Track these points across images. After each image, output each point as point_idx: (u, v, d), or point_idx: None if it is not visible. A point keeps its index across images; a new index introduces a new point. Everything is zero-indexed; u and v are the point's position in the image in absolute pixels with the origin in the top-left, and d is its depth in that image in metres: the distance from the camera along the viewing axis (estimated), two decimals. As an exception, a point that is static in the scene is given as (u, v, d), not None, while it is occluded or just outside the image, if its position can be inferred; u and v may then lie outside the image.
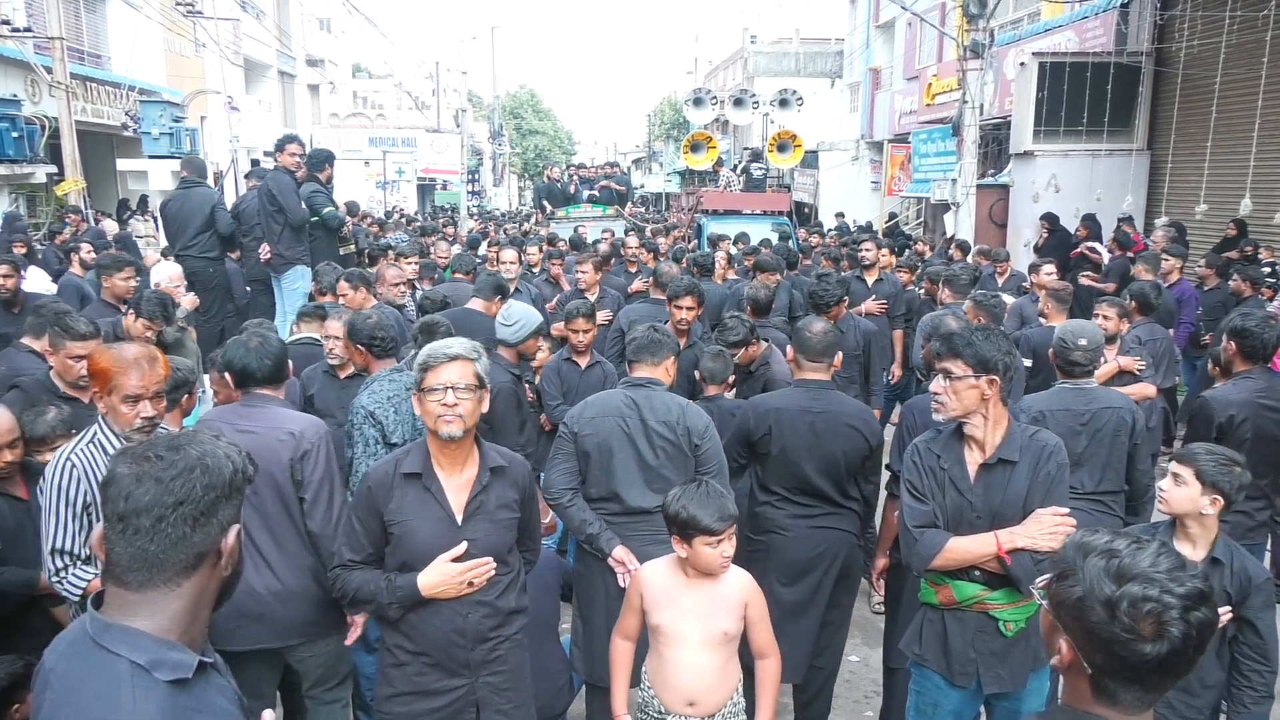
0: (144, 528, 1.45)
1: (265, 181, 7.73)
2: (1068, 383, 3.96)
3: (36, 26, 13.90)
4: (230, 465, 1.53)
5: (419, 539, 2.68)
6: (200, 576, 1.50)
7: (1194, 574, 1.42)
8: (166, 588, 1.47)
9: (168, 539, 1.45)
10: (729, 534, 2.66)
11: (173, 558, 1.46)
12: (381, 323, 4.01)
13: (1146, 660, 1.39)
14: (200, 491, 1.48)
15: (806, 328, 3.83)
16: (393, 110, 43.36)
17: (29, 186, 15.28)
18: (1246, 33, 9.87)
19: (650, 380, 3.55)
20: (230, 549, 1.53)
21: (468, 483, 2.74)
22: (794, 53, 30.21)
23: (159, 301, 5.08)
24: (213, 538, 1.50)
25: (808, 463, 3.65)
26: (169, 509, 1.45)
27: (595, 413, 3.49)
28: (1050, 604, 1.50)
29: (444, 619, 2.70)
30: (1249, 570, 2.93)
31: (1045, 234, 12.15)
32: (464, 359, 2.70)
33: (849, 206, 23.36)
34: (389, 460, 2.81)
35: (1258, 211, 10.05)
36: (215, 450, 1.53)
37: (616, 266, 9.24)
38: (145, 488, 1.45)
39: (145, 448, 1.52)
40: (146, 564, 1.45)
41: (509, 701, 2.81)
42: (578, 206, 15.90)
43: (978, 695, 2.93)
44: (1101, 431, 3.83)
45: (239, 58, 22.57)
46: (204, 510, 1.48)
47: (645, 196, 38.52)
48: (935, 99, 18.15)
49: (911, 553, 2.83)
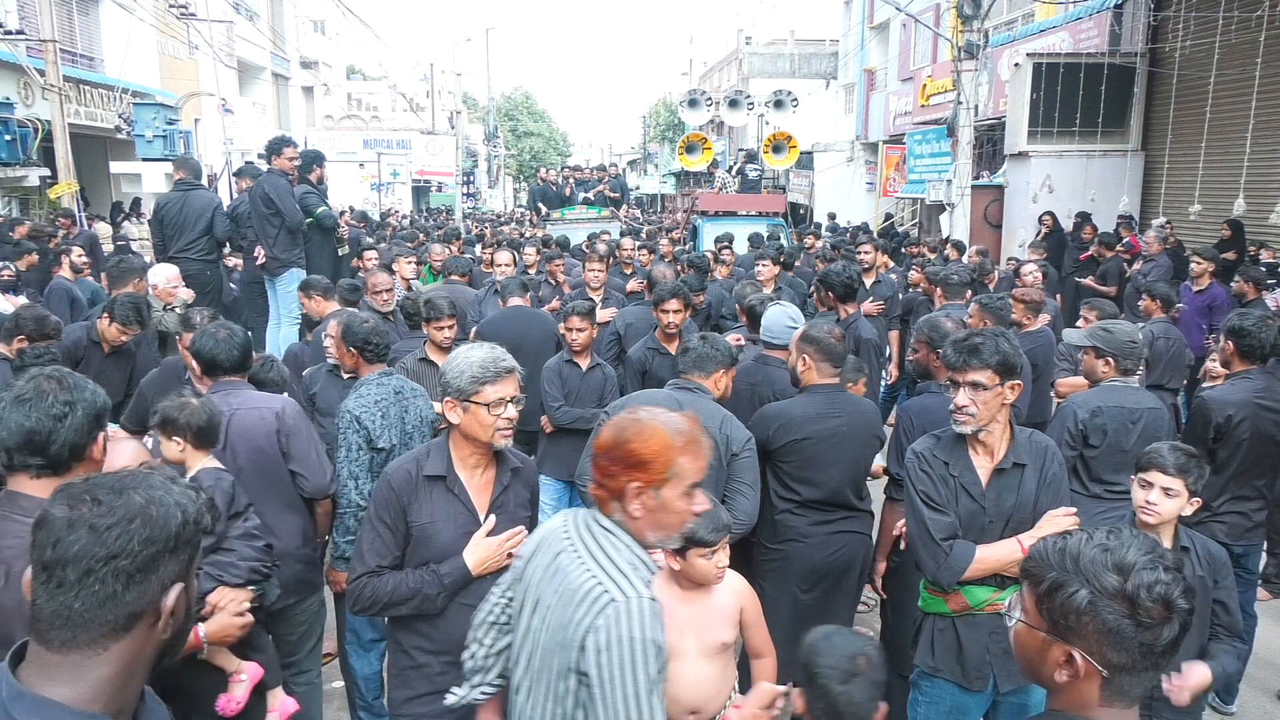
0: (69, 581, 1.26)
1: (260, 184, 7.70)
2: (1117, 379, 3.95)
3: (29, 29, 13.84)
4: (179, 516, 1.34)
5: (443, 540, 2.68)
6: (133, 640, 1.31)
7: (1166, 550, 1.48)
8: (91, 650, 1.28)
9: (95, 596, 1.26)
10: (723, 544, 2.64)
11: (100, 617, 1.27)
12: (377, 328, 4.00)
13: (1163, 643, 1.40)
14: (137, 546, 1.28)
15: (825, 334, 3.75)
16: (387, 112, 43.35)
17: (22, 189, 15.23)
18: (1240, 33, 9.90)
19: (699, 387, 3.53)
20: (170, 610, 1.33)
21: (487, 483, 2.74)
22: (789, 54, 30.26)
23: (133, 305, 5.05)
24: (149, 597, 1.30)
25: (833, 468, 3.63)
26: (99, 562, 1.26)
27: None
28: (1044, 616, 1.47)
29: (466, 618, 2.67)
30: (1211, 550, 2.96)
31: (1045, 231, 12.18)
32: (515, 371, 2.68)
33: (844, 208, 23.40)
34: (408, 461, 2.76)
35: (1251, 211, 10.07)
36: (164, 498, 1.34)
37: (613, 268, 9.24)
38: (76, 535, 1.26)
39: (86, 487, 1.33)
40: (69, 622, 1.26)
41: None
42: (573, 209, 15.88)
43: (990, 695, 2.92)
44: (1148, 429, 3.84)
45: (233, 60, 22.50)
46: (141, 566, 1.29)
47: (640, 198, 38.54)
48: (930, 100, 18.18)
49: (941, 566, 2.77)
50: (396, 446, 3.76)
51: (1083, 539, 1.47)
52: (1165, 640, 1.40)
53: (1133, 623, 1.39)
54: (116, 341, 5.06)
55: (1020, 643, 1.53)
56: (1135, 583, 1.39)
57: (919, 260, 9.93)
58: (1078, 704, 1.47)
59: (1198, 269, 7.87)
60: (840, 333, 3.83)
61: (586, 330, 5.06)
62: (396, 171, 33.83)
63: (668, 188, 32.99)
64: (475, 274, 8.44)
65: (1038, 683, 1.54)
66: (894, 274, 9.69)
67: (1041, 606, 1.47)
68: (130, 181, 15.86)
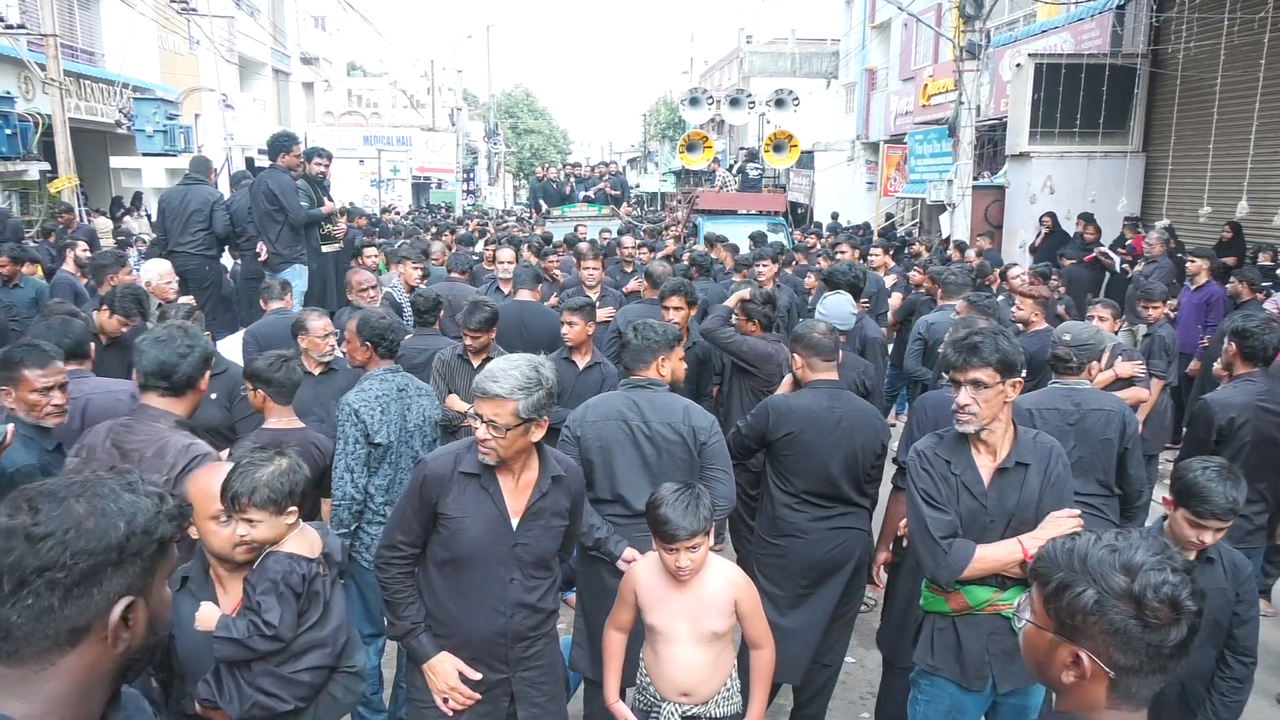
0: (3, 593, 1.22)
1: (264, 180, 7.69)
2: (1059, 382, 3.89)
3: (30, 23, 13.81)
4: (121, 527, 1.27)
5: (471, 536, 2.71)
6: (82, 655, 1.26)
7: (1175, 552, 1.47)
8: (38, 664, 1.24)
9: (30, 610, 1.22)
10: (685, 547, 2.65)
11: (39, 631, 1.23)
12: (392, 325, 4.01)
13: (1170, 645, 1.40)
14: (70, 558, 1.23)
15: (814, 330, 3.80)
16: (388, 109, 43.30)
17: (22, 184, 15.21)
18: (1244, 35, 9.89)
19: (650, 381, 3.52)
20: (116, 627, 1.27)
21: (526, 486, 2.76)
22: (790, 53, 30.22)
23: (133, 297, 5.04)
24: (90, 612, 1.25)
25: (834, 463, 3.64)
26: (32, 574, 1.22)
27: (597, 416, 3.46)
28: (1051, 616, 1.46)
29: (487, 619, 2.75)
30: (1237, 561, 2.95)
31: (1046, 232, 12.18)
32: (503, 399, 2.58)
33: (844, 207, 23.39)
34: (449, 455, 2.79)
35: (1255, 214, 10.06)
36: (108, 507, 1.28)
37: (613, 266, 9.22)
38: (13, 544, 1.23)
39: (30, 494, 1.29)
40: (10, 635, 1.23)
41: (543, 694, 2.89)
42: (573, 206, 15.87)
43: (989, 696, 2.92)
44: (1089, 433, 3.72)
45: (233, 55, 22.48)
46: (78, 580, 1.24)
47: (640, 196, 38.53)
48: (931, 100, 18.17)
49: (940, 565, 2.77)
50: (395, 443, 3.76)
51: (1091, 540, 1.47)
52: (1172, 642, 1.40)
53: (1139, 623, 1.39)
54: (116, 333, 5.05)
55: (1028, 643, 1.53)
56: (1142, 583, 1.39)
57: (920, 261, 9.93)
58: (1085, 706, 1.46)
59: (1193, 268, 7.90)
60: (826, 327, 3.85)
61: (579, 325, 4.93)
62: (396, 168, 33.84)
63: (668, 186, 32.95)
64: (476, 271, 8.43)
65: (1045, 684, 1.54)
66: (894, 274, 9.72)
67: (1049, 606, 1.47)
68: (130, 176, 15.88)
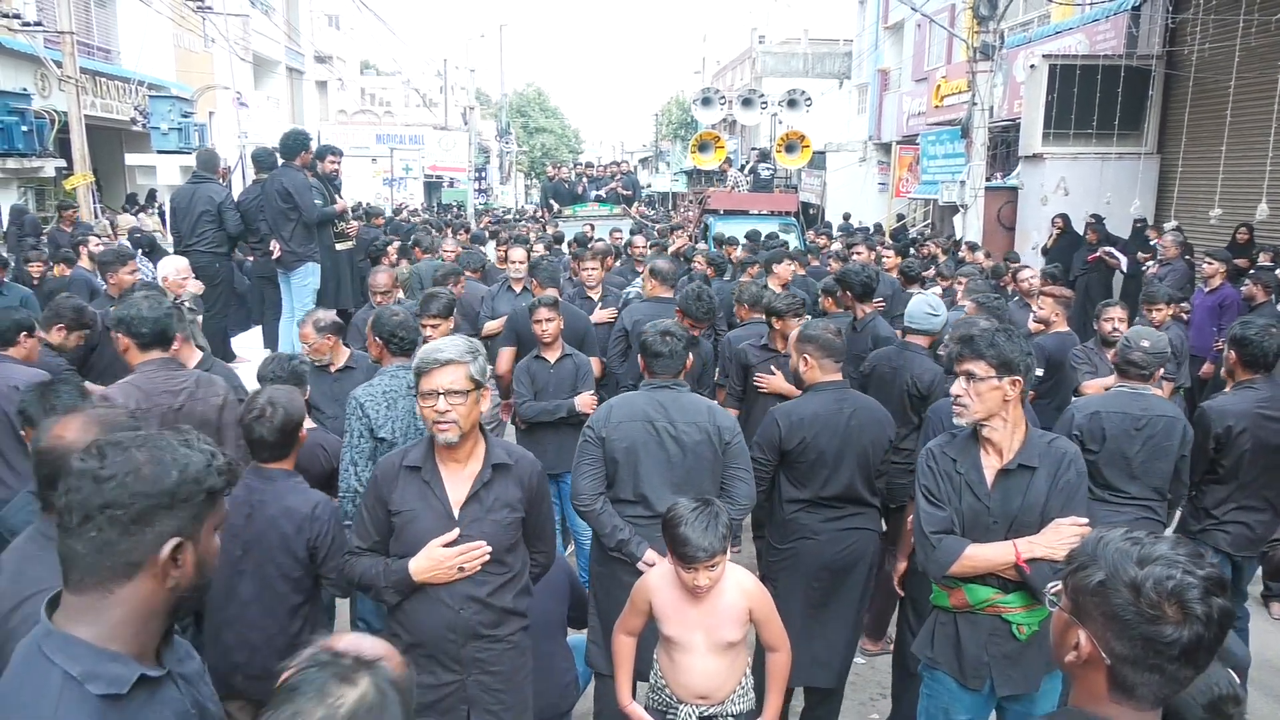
0: (72, 526, 1.41)
1: (278, 178, 7.70)
2: (1125, 385, 3.94)
3: (47, 21, 13.92)
4: (174, 474, 1.44)
5: (417, 530, 2.72)
6: (138, 586, 1.43)
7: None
8: (100, 593, 1.42)
9: (93, 543, 1.40)
10: (705, 566, 2.65)
11: (100, 563, 1.41)
12: (405, 322, 4.02)
13: (1169, 644, 1.39)
14: (128, 498, 1.40)
15: (825, 331, 3.80)
16: (400, 107, 43.38)
17: (38, 180, 15.34)
18: (1260, 36, 9.82)
19: (674, 382, 3.53)
20: (166, 564, 1.44)
21: (470, 477, 2.75)
22: (802, 53, 30.19)
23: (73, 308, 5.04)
24: (145, 548, 1.42)
25: (845, 463, 3.65)
26: (96, 510, 1.40)
27: (622, 417, 3.44)
28: (1068, 595, 1.50)
29: (437, 613, 2.72)
30: None
31: (1057, 234, 12.13)
32: (456, 363, 2.67)
33: (856, 208, 23.33)
34: (398, 453, 2.85)
35: (1275, 216, 9.96)
36: (164, 457, 1.45)
37: (624, 265, 9.23)
38: (82, 484, 1.41)
39: (103, 442, 1.47)
40: (76, 565, 1.41)
41: (499, 703, 2.79)
42: (585, 205, 15.89)
43: (990, 698, 2.91)
44: (1155, 438, 3.82)
45: (248, 53, 22.57)
46: (134, 518, 1.41)
47: (652, 196, 38.54)
48: (944, 101, 18.11)
49: (929, 559, 2.80)
50: (400, 439, 3.78)
51: (1122, 532, 1.49)
52: (1170, 639, 1.38)
53: (1135, 611, 1.39)
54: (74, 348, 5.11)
55: (1053, 625, 1.57)
56: (1147, 573, 1.40)
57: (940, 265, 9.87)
58: (1089, 697, 1.49)
59: (1209, 269, 7.83)
60: (836, 329, 3.86)
61: (555, 320, 5.03)
62: (409, 167, 33.88)
63: (679, 185, 32.95)
64: (489, 270, 8.46)
65: (1060, 668, 1.56)
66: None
67: (1068, 585, 1.51)
68: (145, 173, 15.94)
